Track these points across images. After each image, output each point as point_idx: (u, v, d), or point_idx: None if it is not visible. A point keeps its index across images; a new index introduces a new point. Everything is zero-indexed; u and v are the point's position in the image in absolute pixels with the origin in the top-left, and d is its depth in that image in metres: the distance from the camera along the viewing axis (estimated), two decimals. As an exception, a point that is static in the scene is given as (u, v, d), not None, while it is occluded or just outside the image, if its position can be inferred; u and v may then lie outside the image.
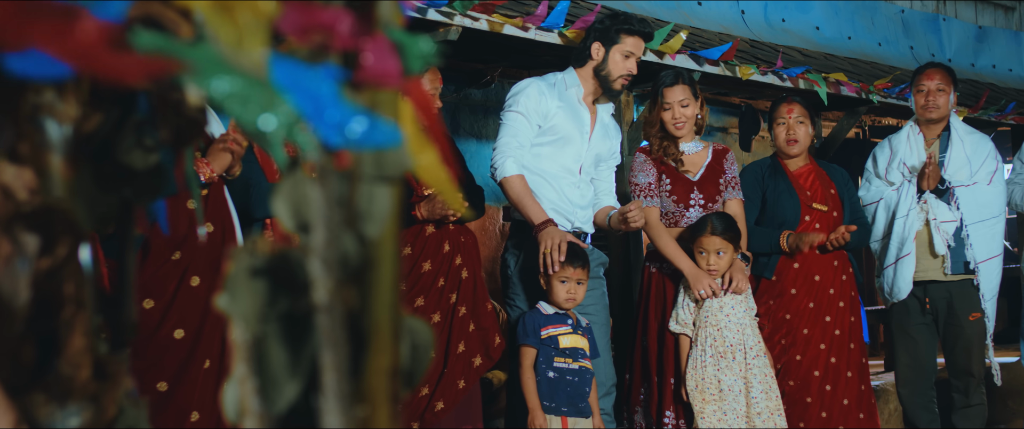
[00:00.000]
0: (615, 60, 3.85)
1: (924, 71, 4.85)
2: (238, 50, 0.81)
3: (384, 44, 1.00)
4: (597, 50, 3.87)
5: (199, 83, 0.79)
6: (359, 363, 0.99)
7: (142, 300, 2.77)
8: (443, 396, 3.61)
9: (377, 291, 0.98)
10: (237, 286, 0.93)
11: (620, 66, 3.85)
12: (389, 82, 1.00)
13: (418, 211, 3.64)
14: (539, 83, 3.84)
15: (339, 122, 0.83)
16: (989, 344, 4.77)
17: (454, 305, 3.69)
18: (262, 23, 0.82)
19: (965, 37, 8.12)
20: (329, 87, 0.86)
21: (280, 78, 0.84)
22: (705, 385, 3.81)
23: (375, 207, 0.98)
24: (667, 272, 4.00)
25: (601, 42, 3.86)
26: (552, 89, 3.83)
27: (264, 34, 0.83)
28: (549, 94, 3.80)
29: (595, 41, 3.88)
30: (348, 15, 0.97)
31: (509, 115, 3.77)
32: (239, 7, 0.82)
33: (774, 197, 4.39)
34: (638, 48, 3.87)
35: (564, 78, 3.91)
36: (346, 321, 0.97)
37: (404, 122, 1.03)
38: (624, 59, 3.86)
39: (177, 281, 2.82)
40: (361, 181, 0.99)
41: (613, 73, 3.86)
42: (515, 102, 3.78)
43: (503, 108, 3.82)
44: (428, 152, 1.04)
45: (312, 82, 0.85)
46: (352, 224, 0.98)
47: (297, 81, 0.84)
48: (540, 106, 3.76)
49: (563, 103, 3.82)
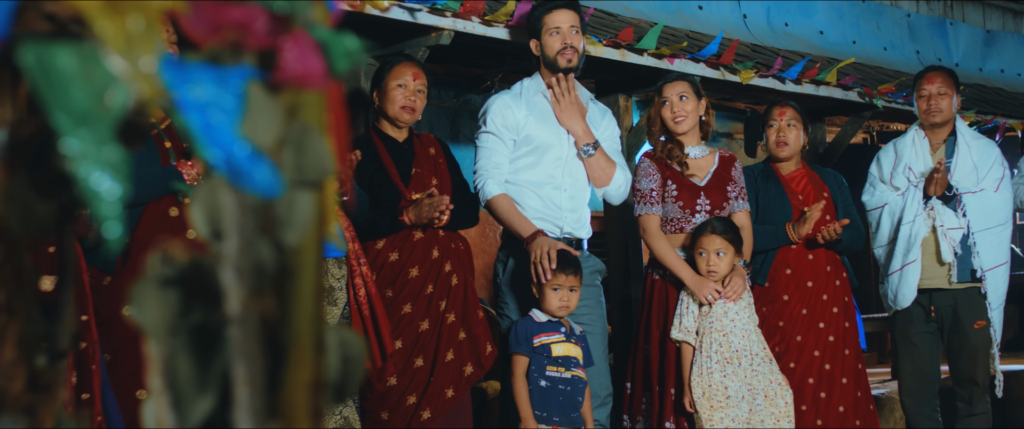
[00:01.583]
0: (548, 43, 3.86)
1: (925, 75, 4.80)
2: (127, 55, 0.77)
3: (306, 42, 0.95)
4: (535, 46, 3.92)
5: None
6: (277, 377, 0.94)
7: (120, 308, 2.74)
8: (430, 405, 3.57)
9: (297, 301, 0.94)
10: (145, 296, 0.89)
11: (553, 44, 3.86)
12: (312, 83, 0.96)
13: (405, 216, 3.60)
14: (503, 97, 3.87)
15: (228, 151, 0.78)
16: (995, 353, 4.70)
17: (443, 312, 3.65)
18: (154, 24, 0.78)
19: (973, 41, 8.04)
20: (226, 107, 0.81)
21: (174, 88, 0.80)
22: (712, 392, 3.76)
23: (295, 213, 0.94)
24: (669, 279, 3.96)
25: (533, 36, 3.91)
26: (517, 99, 3.84)
27: (155, 37, 0.78)
28: (515, 105, 3.81)
29: (530, 39, 3.93)
30: (263, 12, 0.93)
31: (481, 136, 3.84)
32: (128, 7, 0.78)
33: (766, 201, 4.36)
34: (562, 20, 3.86)
35: (530, 85, 3.92)
36: (262, 333, 0.93)
37: (329, 125, 0.98)
38: (553, 36, 3.86)
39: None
40: (280, 186, 0.94)
41: (549, 54, 3.87)
42: (484, 122, 3.84)
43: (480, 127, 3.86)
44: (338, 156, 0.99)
45: (210, 96, 0.81)
46: (269, 231, 0.93)
47: (191, 94, 0.80)
48: (507, 120, 3.80)
49: (532, 111, 3.82)
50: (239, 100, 0.84)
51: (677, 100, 3.96)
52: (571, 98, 3.83)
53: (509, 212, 3.72)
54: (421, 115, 3.76)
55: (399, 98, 3.68)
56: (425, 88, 3.74)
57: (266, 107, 0.92)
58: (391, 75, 3.69)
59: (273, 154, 0.94)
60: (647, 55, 4.82)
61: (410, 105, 3.69)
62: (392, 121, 3.73)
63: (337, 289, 3.35)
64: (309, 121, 0.95)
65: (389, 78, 3.69)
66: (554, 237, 3.74)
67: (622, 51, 4.73)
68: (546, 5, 3.90)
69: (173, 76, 0.80)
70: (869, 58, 6.97)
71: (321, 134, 0.96)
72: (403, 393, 3.57)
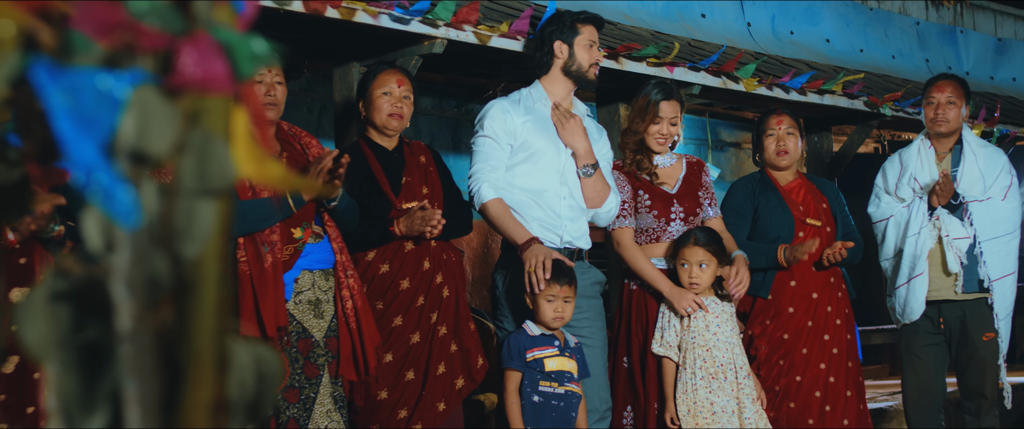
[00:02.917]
0: (580, 52, 3.81)
1: (934, 83, 4.72)
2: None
3: (207, 45, 0.91)
4: (560, 49, 3.83)
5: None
6: (175, 396, 0.90)
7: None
8: (422, 419, 3.52)
9: (197, 317, 0.90)
10: (31, 311, 0.85)
11: (587, 56, 3.82)
12: (215, 87, 0.91)
13: (396, 227, 3.55)
14: (502, 102, 3.80)
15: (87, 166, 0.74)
16: (1002, 364, 4.61)
17: (434, 325, 3.60)
18: (11, 24, 0.73)
19: (984, 49, 7.95)
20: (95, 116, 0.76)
21: (43, 94, 0.75)
22: (697, 409, 3.69)
23: (195, 224, 0.90)
24: (648, 289, 3.89)
25: (561, 40, 3.82)
26: (516, 106, 3.77)
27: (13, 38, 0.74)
28: (514, 111, 3.75)
29: (556, 40, 3.83)
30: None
31: (478, 140, 3.75)
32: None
33: (766, 213, 4.27)
34: (596, 36, 3.85)
35: (529, 93, 3.86)
36: (157, 350, 0.88)
37: (235, 131, 0.94)
38: (588, 48, 3.82)
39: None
40: (179, 195, 0.90)
41: (583, 64, 3.81)
42: (481, 126, 3.76)
43: (476, 132, 3.78)
44: (263, 162, 0.95)
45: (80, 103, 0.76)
46: (167, 243, 0.89)
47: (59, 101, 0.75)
48: (506, 125, 3.72)
49: (530, 117, 3.76)
50: (119, 107, 0.79)
51: (668, 124, 3.91)
52: (575, 122, 3.75)
53: (503, 217, 3.62)
54: (409, 122, 3.71)
55: (385, 106, 3.64)
56: (411, 94, 3.70)
57: (161, 113, 0.88)
58: (375, 83, 3.65)
59: (170, 161, 0.89)
60: (646, 64, 4.77)
61: (397, 112, 3.64)
62: (380, 130, 3.69)
63: (324, 301, 3.30)
64: (212, 127, 0.91)
65: (374, 86, 3.65)
66: (554, 247, 3.66)
67: (620, 60, 4.69)
68: (585, 15, 3.84)
69: (43, 80, 0.76)
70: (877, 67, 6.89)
71: (225, 141, 0.92)
72: (394, 406, 3.52)
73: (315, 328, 3.27)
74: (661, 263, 3.88)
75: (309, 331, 3.25)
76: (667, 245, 3.89)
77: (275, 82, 3.34)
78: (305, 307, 3.26)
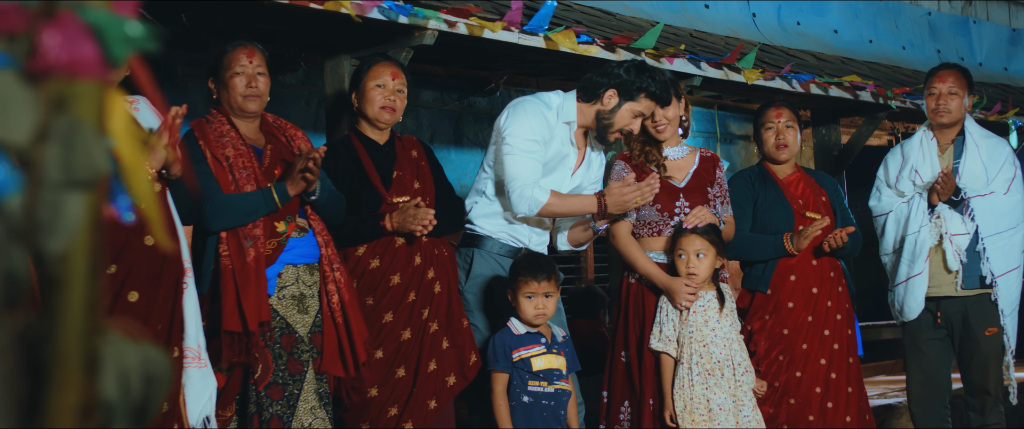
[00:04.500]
0: (623, 115, 3.71)
1: (936, 73, 4.63)
2: None
3: (74, 27, 0.86)
4: (610, 98, 3.71)
5: None
6: (38, 400, 0.85)
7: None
8: (413, 416, 3.47)
9: (63, 316, 0.85)
10: None
11: (626, 122, 3.72)
12: (83, 72, 0.86)
13: (387, 222, 3.50)
14: (541, 108, 3.71)
15: None
16: (1009, 361, 4.53)
17: (426, 321, 3.55)
18: None
19: (997, 40, 7.82)
20: None
21: None
22: (694, 405, 3.62)
23: (61, 218, 0.84)
24: (646, 283, 3.81)
25: (618, 91, 3.70)
26: (550, 114, 3.73)
27: None
28: (548, 120, 3.72)
29: (612, 87, 3.70)
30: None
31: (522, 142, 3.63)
32: None
33: (766, 206, 4.20)
34: (650, 111, 3.74)
35: (562, 104, 3.77)
36: (16, 351, 0.83)
37: (111, 118, 0.89)
38: (633, 117, 3.72)
39: (113, 296, 2.72)
40: (43, 187, 0.85)
41: (616, 125, 3.72)
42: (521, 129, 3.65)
43: (507, 134, 3.66)
44: (135, 150, 0.90)
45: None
46: (28, 237, 0.84)
47: None
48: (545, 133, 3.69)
49: (555, 134, 3.72)
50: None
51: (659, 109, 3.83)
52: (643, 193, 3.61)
53: (563, 201, 3.65)
54: (401, 116, 3.66)
55: (378, 99, 3.58)
56: (405, 88, 3.64)
57: (18, 98, 0.83)
58: (369, 75, 3.60)
59: (31, 150, 0.84)
60: (644, 55, 4.70)
61: (390, 105, 3.59)
62: (372, 122, 3.63)
63: (309, 296, 3.26)
64: (80, 114, 0.86)
65: (367, 78, 3.60)
66: (514, 247, 3.72)
67: (618, 51, 4.62)
68: (657, 93, 3.68)
69: None
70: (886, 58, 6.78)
71: (96, 129, 0.86)
72: (384, 404, 3.47)
73: (299, 323, 3.22)
74: (660, 257, 3.80)
75: (293, 326, 3.21)
76: (667, 239, 3.81)
77: (256, 73, 3.28)
78: (289, 302, 3.21)
